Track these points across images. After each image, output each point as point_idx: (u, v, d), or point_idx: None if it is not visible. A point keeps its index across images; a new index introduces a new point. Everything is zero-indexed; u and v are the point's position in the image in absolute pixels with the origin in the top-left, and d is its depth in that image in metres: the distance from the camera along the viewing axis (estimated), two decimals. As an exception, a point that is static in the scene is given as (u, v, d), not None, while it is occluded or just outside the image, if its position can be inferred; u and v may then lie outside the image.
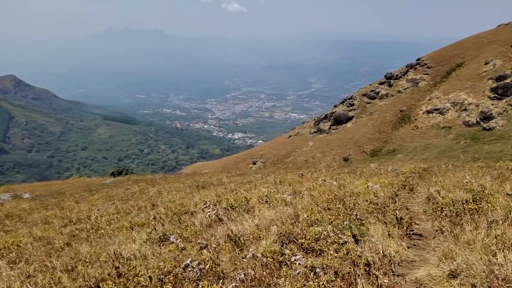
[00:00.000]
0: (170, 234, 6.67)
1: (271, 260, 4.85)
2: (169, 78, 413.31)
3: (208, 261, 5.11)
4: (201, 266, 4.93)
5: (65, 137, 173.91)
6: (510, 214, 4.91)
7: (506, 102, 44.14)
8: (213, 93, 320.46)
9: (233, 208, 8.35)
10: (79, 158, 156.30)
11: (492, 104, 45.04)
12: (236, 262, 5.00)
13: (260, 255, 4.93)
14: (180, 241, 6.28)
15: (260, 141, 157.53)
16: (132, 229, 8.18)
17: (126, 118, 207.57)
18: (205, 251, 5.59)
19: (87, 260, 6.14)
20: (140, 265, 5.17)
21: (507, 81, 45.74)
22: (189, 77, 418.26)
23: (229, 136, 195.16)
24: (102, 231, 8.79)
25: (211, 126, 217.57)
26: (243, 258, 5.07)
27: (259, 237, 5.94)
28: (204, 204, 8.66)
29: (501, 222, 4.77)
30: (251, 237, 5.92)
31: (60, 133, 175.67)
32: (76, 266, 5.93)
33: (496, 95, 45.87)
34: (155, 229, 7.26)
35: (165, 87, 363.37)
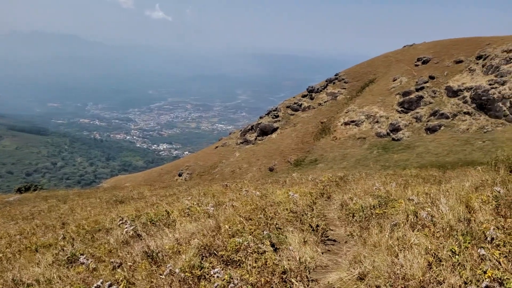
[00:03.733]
0: (81, 254, 6.16)
1: (189, 275, 4.72)
2: (87, 86, 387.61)
3: (121, 280, 4.81)
4: (114, 287, 4.61)
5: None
6: (409, 217, 5.42)
7: (411, 115, 49.27)
8: (136, 103, 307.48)
9: (153, 223, 8.01)
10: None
11: (399, 117, 49.93)
12: (152, 280, 4.77)
13: (178, 271, 4.76)
14: (91, 261, 5.82)
15: (187, 152, 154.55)
16: (37, 251, 7.39)
17: (36, 129, 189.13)
18: (119, 270, 5.24)
19: (-21, 290, 5.38)
20: (43, 291, 4.67)
21: (412, 96, 51.17)
22: (110, 85, 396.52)
23: (153, 147, 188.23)
24: (0, 255, 7.79)
25: (134, 137, 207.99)
26: (160, 275, 4.85)
27: (179, 251, 5.75)
28: (121, 220, 8.18)
29: (402, 224, 5.23)
30: (170, 252, 5.71)
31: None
32: (-36, 298, 5.16)
33: (403, 108, 50.99)
34: (63, 249, 6.64)
35: (82, 95, 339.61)
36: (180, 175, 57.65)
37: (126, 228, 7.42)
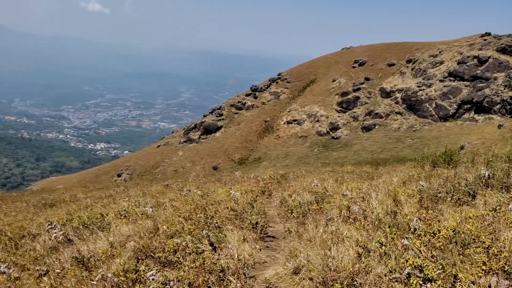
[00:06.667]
0: (2, 263, 5.64)
1: (123, 279, 4.53)
2: (14, 80, 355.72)
3: (47, 290, 4.48)
4: (39, 297, 4.29)
5: None
6: (342, 211, 5.69)
7: (348, 114, 51.79)
8: (70, 99, 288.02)
9: (86, 227, 7.58)
10: None
11: (338, 116, 52.25)
12: (82, 286, 4.51)
13: (111, 275, 4.55)
14: (14, 270, 5.36)
15: (126, 151, 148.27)
16: (-51, 262, 6.62)
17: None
18: (45, 278, 4.89)
19: None
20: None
21: (349, 96, 53.79)
22: (40, 80, 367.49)
23: (90, 146, 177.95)
24: None
25: (68, 136, 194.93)
26: (91, 280, 4.60)
27: (113, 255, 5.50)
28: (50, 224, 7.63)
29: (336, 219, 5.48)
30: (103, 256, 5.44)
31: None
32: None
33: (341, 108, 53.43)
34: (-19, 259, 6.04)
35: (7, 90, 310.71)
36: (119, 175, 55.24)
37: (55, 233, 6.94)
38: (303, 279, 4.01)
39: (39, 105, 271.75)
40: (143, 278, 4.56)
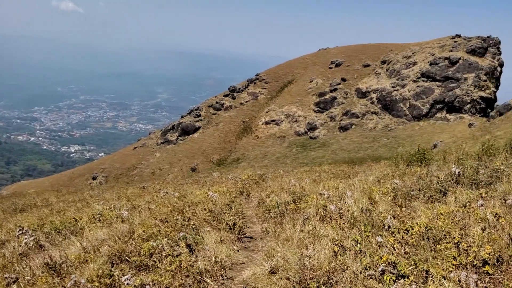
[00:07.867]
0: (-33, 273, 5.40)
1: (97, 284, 4.42)
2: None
3: (17, 298, 4.32)
4: (7, 306, 4.12)
5: None
6: (319, 210, 5.75)
7: (326, 114, 52.43)
8: (42, 101, 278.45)
9: (58, 232, 7.36)
10: None
11: (316, 116, 52.82)
12: (54, 294, 4.37)
13: (84, 281, 4.43)
14: (-20, 280, 5.13)
15: (102, 153, 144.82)
16: None
17: None
18: (14, 286, 4.71)
19: None
20: None
21: (326, 97, 54.47)
22: (9, 81, 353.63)
23: (63, 149, 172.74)
24: None
25: (40, 138, 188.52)
26: (63, 287, 4.47)
27: (86, 260, 5.36)
28: (20, 230, 7.36)
29: (313, 218, 5.53)
30: (76, 262, 5.29)
31: None
32: None
33: (319, 108, 54.04)
34: None
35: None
36: (94, 178, 53.95)
37: (26, 238, 6.70)
38: (280, 278, 4.03)
39: (9, 107, 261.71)
40: (117, 283, 4.46)
